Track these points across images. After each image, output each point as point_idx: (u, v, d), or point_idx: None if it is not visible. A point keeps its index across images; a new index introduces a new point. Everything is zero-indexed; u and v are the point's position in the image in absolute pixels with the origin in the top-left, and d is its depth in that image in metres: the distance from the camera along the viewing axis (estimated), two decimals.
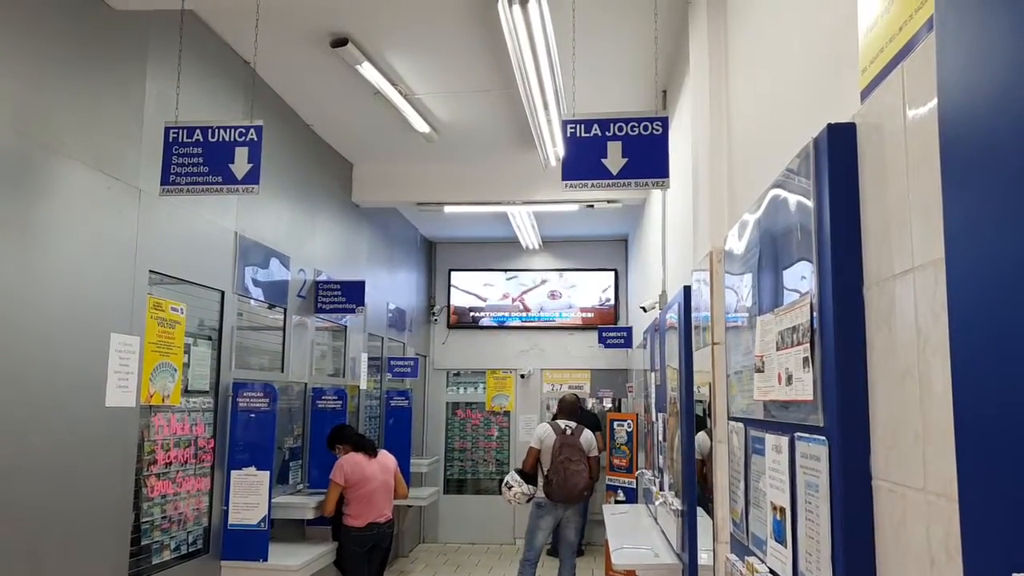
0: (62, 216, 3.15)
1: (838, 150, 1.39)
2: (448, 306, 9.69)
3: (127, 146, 3.60)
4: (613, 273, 9.51)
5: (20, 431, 2.90)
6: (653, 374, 4.73)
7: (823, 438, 1.38)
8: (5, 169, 2.87)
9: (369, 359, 7.08)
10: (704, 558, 2.94)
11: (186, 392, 4.07)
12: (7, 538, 2.83)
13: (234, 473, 4.42)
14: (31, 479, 2.96)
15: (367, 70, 4.73)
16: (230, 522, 4.39)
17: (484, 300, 9.64)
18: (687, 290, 3.23)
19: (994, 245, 0.80)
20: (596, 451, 6.23)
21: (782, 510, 1.62)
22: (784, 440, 1.61)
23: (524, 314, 9.58)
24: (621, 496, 7.04)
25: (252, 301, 4.88)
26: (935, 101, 1.00)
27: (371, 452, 5.24)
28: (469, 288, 9.67)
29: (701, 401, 2.95)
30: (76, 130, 3.26)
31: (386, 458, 5.37)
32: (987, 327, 0.82)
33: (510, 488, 6.10)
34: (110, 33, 3.49)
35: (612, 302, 9.40)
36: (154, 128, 3.65)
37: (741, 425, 2.05)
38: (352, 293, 6.00)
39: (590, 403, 9.27)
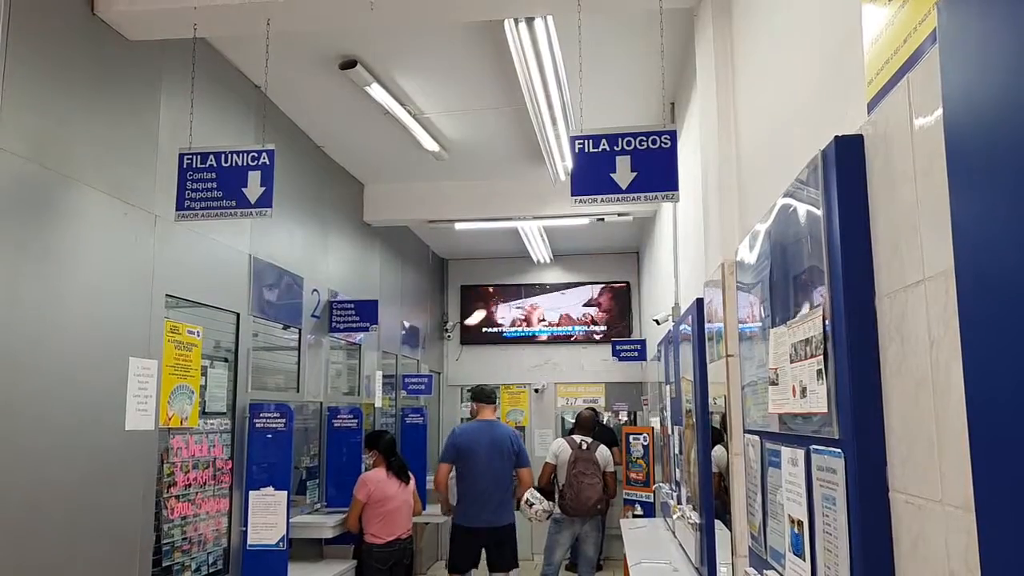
0: (80, 243, 3.19)
1: (846, 162, 1.40)
2: (460, 323, 9.71)
3: (142, 173, 3.65)
4: (625, 286, 9.50)
5: (43, 456, 2.93)
6: (668, 387, 4.72)
7: (839, 450, 1.37)
8: (25, 197, 2.92)
9: (384, 377, 7.10)
10: (723, 572, 2.92)
11: (204, 414, 4.10)
12: (31, 560, 2.85)
13: (252, 493, 4.43)
14: (54, 503, 2.98)
15: (376, 91, 4.77)
16: (249, 543, 4.40)
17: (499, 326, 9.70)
18: (699, 302, 3.23)
19: (1002, 253, 0.81)
20: (612, 466, 6.21)
21: (800, 523, 1.62)
22: (800, 453, 1.60)
23: (536, 328, 9.58)
24: (639, 510, 6.99)
25: (267, 322, 4.91)
26: (941, 111, 1.01)
27: (400, 476, 5.19)
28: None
29: (717, 413, 2.94)
30: (93, 159, 3.31)
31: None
32: (997, 336, 0.82)
33: (531, 506, 6.09)
34: (125, 63, 3.54)
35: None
36: (168, 155, 3.70)
37: (757, 438, 2.04)
38: (365, 312, 6.03)
39: (605, 417, 9.23)
